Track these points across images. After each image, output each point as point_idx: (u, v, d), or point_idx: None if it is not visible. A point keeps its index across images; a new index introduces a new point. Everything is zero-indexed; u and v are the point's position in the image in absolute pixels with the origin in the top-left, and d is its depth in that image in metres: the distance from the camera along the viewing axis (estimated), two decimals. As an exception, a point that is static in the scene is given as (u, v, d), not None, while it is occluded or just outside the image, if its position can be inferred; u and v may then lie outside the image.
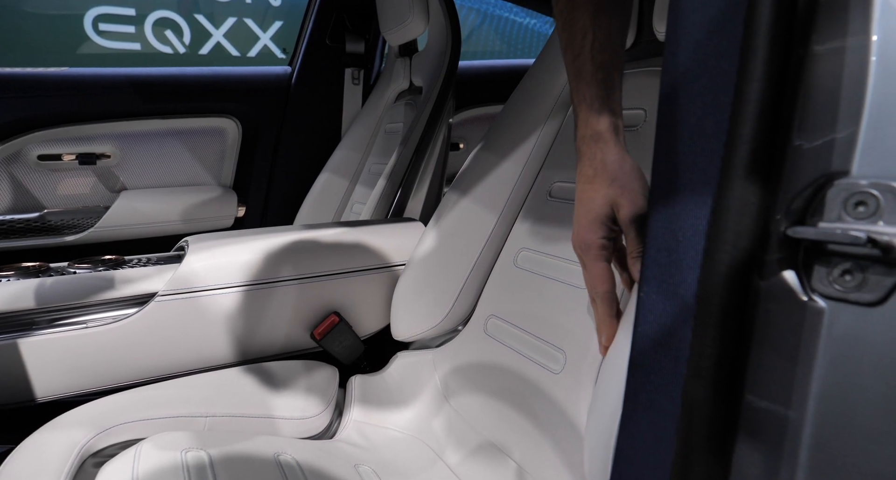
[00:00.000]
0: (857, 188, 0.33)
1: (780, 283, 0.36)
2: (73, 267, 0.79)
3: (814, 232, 0.34)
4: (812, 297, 0.34)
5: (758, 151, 0.35)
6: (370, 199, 1.17)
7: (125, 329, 0.76)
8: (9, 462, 0.59)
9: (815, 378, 0.34)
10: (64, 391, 0.74)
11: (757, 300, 0.37)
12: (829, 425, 0.34)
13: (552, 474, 0.65)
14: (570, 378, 0.67)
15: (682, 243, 0.40)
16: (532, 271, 0.79)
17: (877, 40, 0.32)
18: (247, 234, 0.91)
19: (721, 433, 0.37)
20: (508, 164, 0.87)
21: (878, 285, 0.32)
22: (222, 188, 1.43)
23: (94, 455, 0.65)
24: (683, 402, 0.38)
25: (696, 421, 0.37)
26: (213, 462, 0.65)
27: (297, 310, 0.89)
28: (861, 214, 0.33)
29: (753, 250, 0.36)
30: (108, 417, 0.68)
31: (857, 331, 0.32)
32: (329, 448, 0.79)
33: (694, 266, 0.39)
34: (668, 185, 0.41)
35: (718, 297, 0.37)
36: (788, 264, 0.36)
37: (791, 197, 0.35)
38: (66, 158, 1.22)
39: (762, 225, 0.36)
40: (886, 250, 0.31)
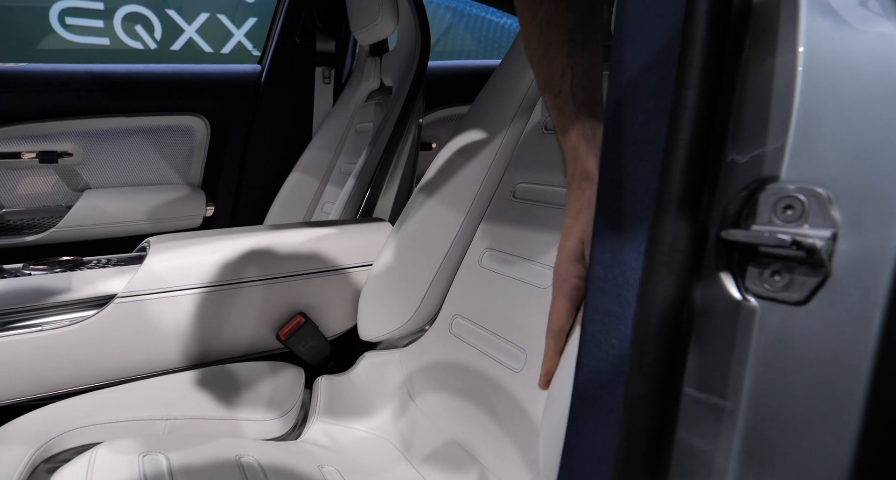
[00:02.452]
0: (786, 193, 0.34)
1: (715, 283, 0.37)
2: (28, 269, 0.77)
3: (744, 235, 0.35)
4: (746, 296, 0.35)
5: (694, 155, 0.36)
6: (339, 198, 1.17)
7: (82, 332, 0.75)
8: (-43, 468, 0.57)
9: (747, 373, 0.35)
10: (18, 395, 0.73)
11: (694, 299, 0.39)
12: (760, 417, 0.35)
13: (512, 471, 0.66)
14: (530, 376, 0.68)
15: (625, 244, 0.41)
16: (495, 271, 0.80)
17: (803, 52, 0.33)
18: (211, 234, 0.90)
19: (660, 426, 0.38)
20: (474, 165, 0.88)
21: (804, 286, 0.33)
22: (190, 187, 1.41)
23: (48, 460, 0.64)
24: (626, 399, 0.39)
25: (638, 417, 0.39)
26: (172, 465, 0.64)
27: (263, 311, 0.88)
28: (789, 217, 0.34)
29: (691, 252, 0.38)
30: (63, 421, 0.67)
31: (786, 328, 0.34)
32: (293, 449, 0.78)
33: (636, 267, 0.40)
34: (613, 188, 0.42)
35: (658, 297, 0.38)
36: (724, 265, 0.37)
37: (726, 201, 0.37)
38: (25, 156, 1.19)
39: (700, 228, 0.38)
40: (810, 251, 0.32)
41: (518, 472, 0.65)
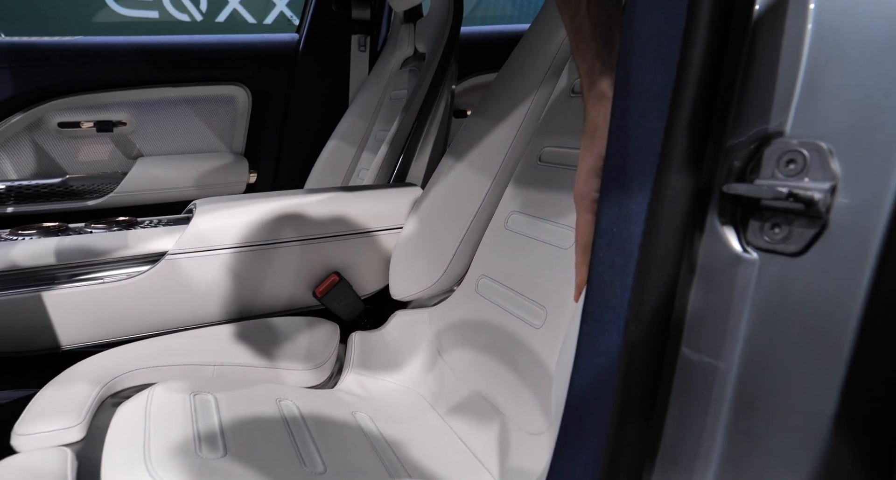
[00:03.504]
0: (789, 147, 0.35)
1: (717, 236, 0.39)
2: (89, 227, 0.84)
3: (746, 189, 0.36)
4: (746, 249, 0.37)
5: (699, 112, 0.37)
6: (373, 164, 1.20)
7: (138, 285, 0.82)
8: (38, 398, 0.65)
9: (743, 322, 0.37)
10: (84, 340, 0.81)
11: (695, 251, 0.40)
12: (753, 363, 0.37)
13: (531, 419, 0.70)
14: (549, 332, 0.71)
15: (631, 199, 0.42)
16: (520, 233, 0.82)
17: (814, 9, 0.34)
18: (252, 197, 0.96)
19: (657, 370, 0.41)
20: (502, 129, 0.90)
21: (801, 237, 0.34)
22: (234, 155, 1.47)
23: (113, 396, 0.72)
24: (624, 343, 0.41)
25: (636, 361, 0.41)
26: (219, 404, 0.71)
27: (300, 269, 0.93)
28: (791, 171, 0.35)
29: (694, 206, 0.39)
30: (123, 364, 0.74)
31: (782, 279, 0.35)
32: (328, 396, 0.85)
33: (639, 221, 0.42)
34: (620, 144, 0.43)
35: (660, 249, 0.40)
36: (727, 218, 0.38)
37: (731, 156, 0.38)
38: (84, 126, 1.27)
39: (704, 183, 0.39)
40: (808, 204, 0.33)
41: (536, 420, 0.69)
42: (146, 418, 0.64)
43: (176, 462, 0.57)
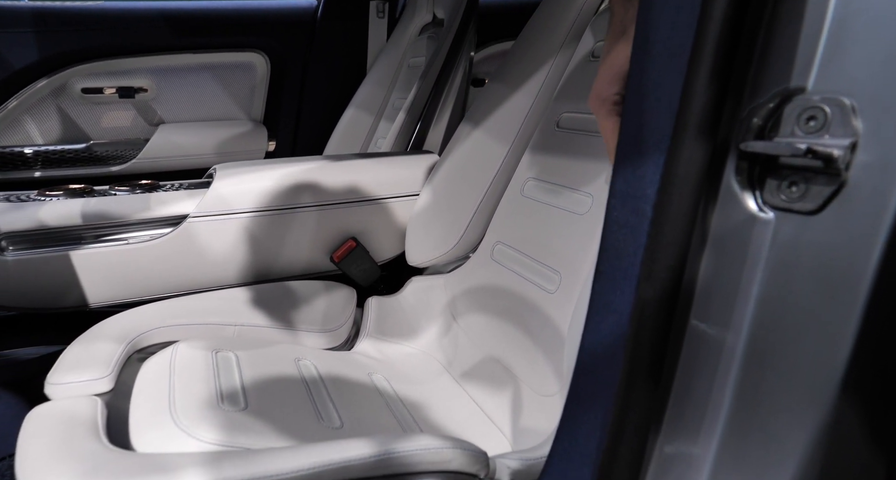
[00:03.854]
0: (810, 103, 0.34)
1: (733, 195, 0.39)
2: (113, 190, 0.86)
3: (764, 146, 0.36)
4: (763, 208, 0.37)
5: (718, 68, 0.37)
6: (390, 132, 1.20)
7: (160, 247, 0.85)
8: (68, 351, 0.68)
9: (756, 281, 0.37)
10: (109, 299, 0.84)
11: (710, 211, 0.40)
12: (764, 322, 0.37)
13: (543, 382, 0.71)
14: (563, 297, 0.72)
15: (646, 158, 0.42)
16: (537, 200, 0.82)
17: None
18: (270, 163, 0.97)
19: (667, 327, 0.41)
20: (520, 95, 0.89)
21: (818, 195, 0.34)
22: (253, 123, 1.48)
23: (138, 352, 0.74)
24: (636, 302, 0.42)
25: (646, 318, 0.41)
26: (240, 361, 0.73)
27: (317, 234, 0.95)
28: (811, 128, 0.34)
29: (710, 165, 0.39)
30: (148, 322, 0.77)
31: (797, 238, 0.35)
32: (345, 358, 0.87)
33: (654, 180, 0.42)
34: (638, 103, 0.43)
35: (674, 208, 0.40)
36: (743, 177, 0.38)
37: (750, 114, 0.37)
38: (107, 92, 1.29)
39: (721, 141, 0.38)
40: (827, 161, 0.33)
41: (548, 383, 0.70)
42: (171, 372, 0.67)
43: (199, 413, 0.59)
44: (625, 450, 0.42)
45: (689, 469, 0.40)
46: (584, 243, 0.71)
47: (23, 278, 0.77)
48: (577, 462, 0.45)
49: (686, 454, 0.41)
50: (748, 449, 0.38)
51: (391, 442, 0.53)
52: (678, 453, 0.41)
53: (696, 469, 0.40)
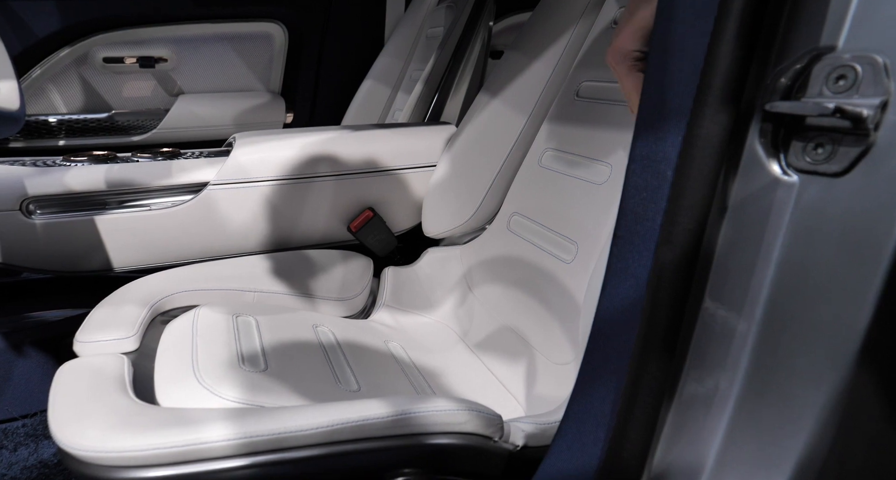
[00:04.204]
0: (841, 62, 0.33)
1: (756, 158, 0.38)
2: (136, 156, 0.87)
3: (790, 106, 0.35)
4: (786, 171, 0.36)
5: (744, 27, 0.36)
6: (407, 103, 1.19)
7: (182, 213, 0.86)
8: (95, 312, 0.70)
9: (778, 245, 0.37)
10: (132, 264, 0.86)
11: (732, 173, 0.39)
12: (784, 286, 0.37)
13: (558, 350, 0.71)
14: (579, 267, 0.72)
15: (669, 120, 0.42)
16: (554, 170, 0.82)
17: None
18: (289, 132, 0.97)
19: (685, 293, 0.41)
20: (539, 65, 0.87)
21: (845, 156, 0.33)
22: (271, 94, 1.48)
23: (161, 314, 0.76)
24: (654, 266, 0.42)
25: (664, 282, 0.41)
26: (259, 325, 0.75)
27: (335, 204, 0.95)
28: (840, 88, 0.34)
29: (733, 127, 0.38)
30: (170, 286, 0.79)
31: (821, 201, 0.35)
32: (362, 325, 0.88)
33: (676, 143, 0.41)
34: (662, 65, 0.42)
35: (695, 171, 0.39)
36: (767, 139, 0.37)
37: (778, 74, 0.36)
38: (127, 61, 1.30)
39: (746, 102, 0.38)
40: (856, 121, 0.32)
41: (563, 351, 0.70)
42: (193, 334, 0.69)
43: (221, 372, 0.61)
44: (639, 412, 0.42)
45: (703, 431, 0.41)
46: (602, 213, 0.71)
47: (49, 242, 0.79)
48: (591, 424, 0.46)
49: (701, 415, 0.41)
50: (764, 412, 0.38)
51: (408, 403, 0.54)
52: (693, 414, 0.41)
53: (710, 430, 0.41)
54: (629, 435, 0.43)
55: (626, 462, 0.43)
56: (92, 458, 0.47)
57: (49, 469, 0.74)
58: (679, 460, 0.42)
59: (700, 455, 0.41)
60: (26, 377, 0.81)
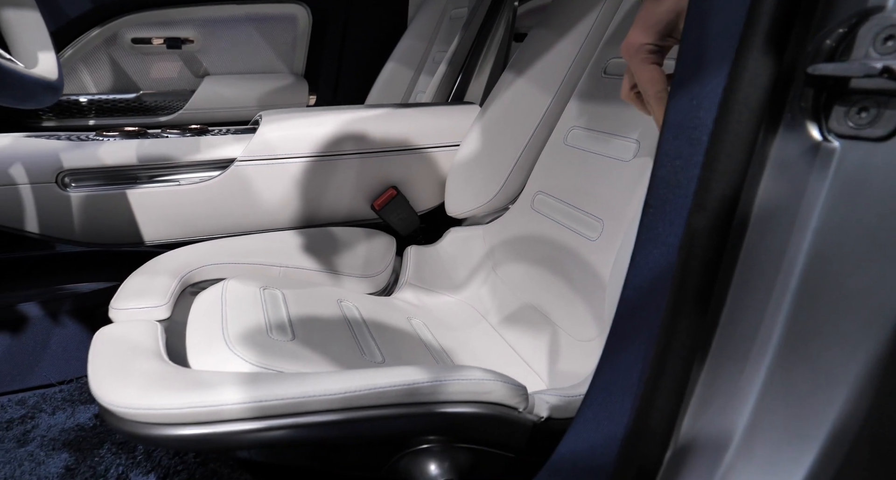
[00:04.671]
0: (890, 22, 0.33)
1: (796, 123, 0.37)
2: (165, 132, 0.89)
3: (834, 68, 0.35)
4: (827, 137, 0.36)
5: (790, -14, 0.35)
6: (431, 85, 1.19)
7: (210, 189, 0.87)
8: (128, 282, 0.72)
9: (816, 212, 0.36)
10: (161, 238, 0.88)
11: (770, 139, 0.39)
12: (822, 252, 0.36)
13: (582, 327, 0.71)
14: (605, 244, 0.71)
15: (705, 85, 0.41)
16: (580, 148, 0.81)
17: None
18: (314, 110, 0.98)
19: (717, 259, 0.40)
20: (566, 42, 0.86)
21: (890, 120, 0.33)
22: (294, 76, 1.49)
23: (191, 286, 0.78)
24: (686, 232, 0.41)
25: (696, 249, 0.41)
26: (286, 298, 0.76)
27: (359, 182, 0.96)
28: (888, 49, 0.33)
29: (773, 90, 0.37)
30: (199, 259, 0.80)
31: (862, 166, 0.34)
32: (385, 302, 0.89)
33: (712, 108, 0.41)
34: (699, 26, 0.41)
35: (731, 135, 0.39)
36: (808, 103, 0.37)
37: (821, 35, 0.36)
38: (155, 42, 1.31)
39: (787, 65, 0.37)
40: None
41: (587, 328, 0.70)
42: (222, 305, 0.70)
43: (250, 340, 0.62)
44: (667, 380, 0.42)
45: (732, 399, 0.41)
46: (629, 190, 0.70)
47: (82, 214, 0.81)
48: (618, 393, 0.46)
49: (731, 384, 0.41)
50: (796, 380, 0.38)
51: (434, 372, 0.55)
52: (723, 383, 0.41)
53: (740, 399, 0.40)
54: (657, 403, 0.43)
55: (653, 430, 0.43)
56: (130, 415, 0.49)
57: (85, 431, 0.77)
58: (707, 428, 0.42)
59: (729, 423, 0.41)
60: (62, 345, 0.84)
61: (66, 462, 0.72)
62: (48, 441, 0.74)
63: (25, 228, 0.78)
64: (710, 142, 0.40)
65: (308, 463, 0.64)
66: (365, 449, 0.58)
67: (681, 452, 0.43)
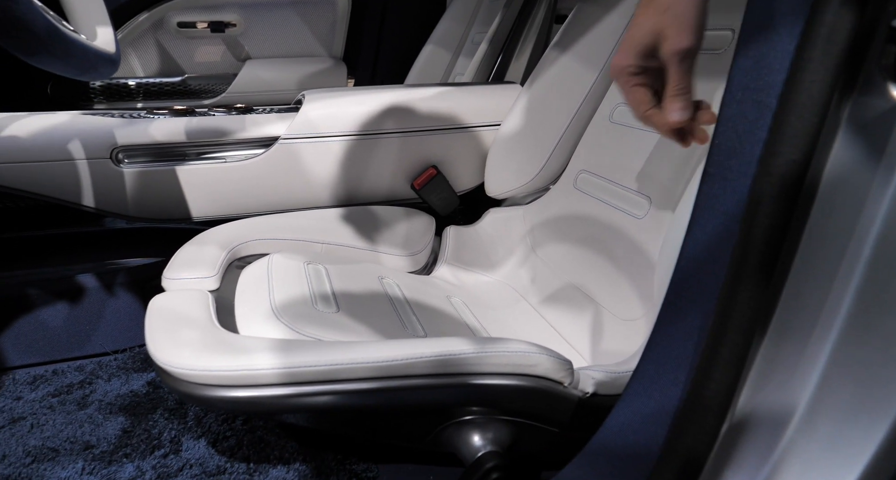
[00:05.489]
0: (984, -32, 0.30)
1: (875, 81, 0.36)
2: (212, 111, 0.91)
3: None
4: (907, 95, 0.34)
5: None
6: (471, 65, 1.18)
7: (254, 166, 0.89)
8: (179, 254, 0.74)
9: (895, 178, 0.34)
10: (208, 214, 0.90)
11: (848, 98, 0.37)
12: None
13: (626, 306, 0.70)
14: (652, 222, 0.70)
15: (773, 45, 0.39)
16: (627, 125, 0.79)
17: None
18: (356, 90, 0.98)
19: (783, 228, 0.39)
20: (613, 17, 0.84)
21: (982, 74, 0.31)
22: (333, 60, 1.50)
23: (238, 260, 0.80)
24: (750, 199, 0.40)
25: (760, 217, 0.39)
26: (329, 273, 0.77)
27: (399, 161, 0.96)
28: (981, -3, 0.31)
29: (852, 46, 0.35)
30: (245, 234, 0.82)
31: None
32: (425, 280, 0.89)
33: (781, 69, 0.39)
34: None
35: (804, 96, 0.37)
36: (890, 60, 0.35)
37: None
38: (199, 26, 1.34)
39: (868, 17, 0.35)
40: None
41: (632, 307, 0.69)
42: (269, 277, 0.71)
43: (296, 310, 0.64)
44: (725, 352, 0.41)
45: (795, 373, 0.39)
46: (679, 166, 0.68)
47: (134, 189, 0.84)
48: (671, 365, 0.45)
49: (794, 357, 0.39)
50: (867, 356, 0.37)
51: (477, 343, 0.55)
52: (785, 356, 0.40)
53: (803, 373, 0.39)
54: (714, 376, 0.41)
55: (709, 403, 0.41)
56: (185, 376, 0.50)
57: (139, 397, 0.80)
58: (767, 402, 0.41)
59: (791, 398, 0.40)
60: (115, 316, 0.87)
61: (123, 425, 0.74)
62: (105, 405, 0.78)
63: (82, 202, 0.81)
64: (779, 105, 0.39)
65: (352, 431, 0.65)
66: (409, 419, 0.59)
67: (738, 426, 0.42)
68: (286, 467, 0.69)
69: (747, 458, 0.41)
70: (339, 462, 0.69)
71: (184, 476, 0.66)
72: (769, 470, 0.39)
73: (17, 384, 0.82)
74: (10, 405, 0.78)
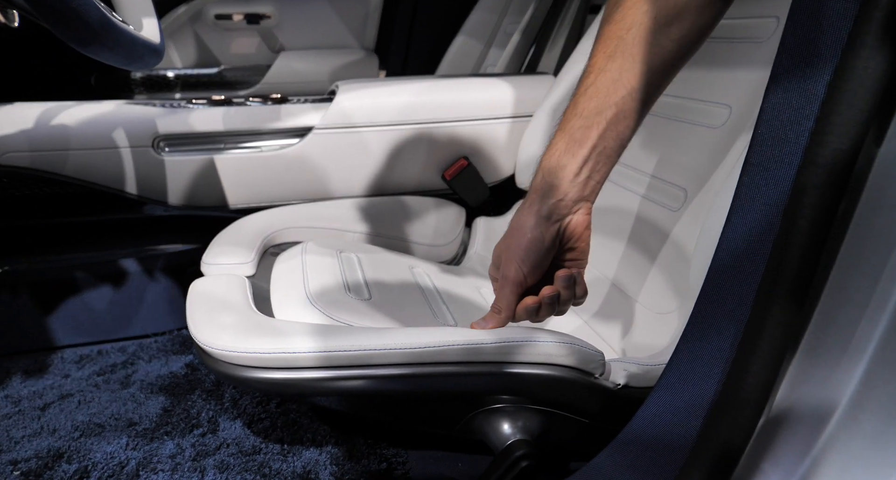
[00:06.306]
0: None
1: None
2: (248, 101, 0.93)
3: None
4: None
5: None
6: (503, 55, 1.17)
7: (289, 155, 0.90)
8: (216, 240, 0.76)
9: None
10: (244, 202, 0.92)
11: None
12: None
13: (659, 299, 0.69)
14: (688, 214, 0.69)
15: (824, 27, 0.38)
16: (662, 115, 0.78)
17: None
18: (389, 80, 0.99)
19: (829, 217, 0.38)
20: (651, 5, 0.83)
21: None
22: (365, 51, 1.51)
23: (272, 247, 0.81)
24: (794, 189, 0.39)
25: (804, 208, 0.38)
26: (361, 262, 0.78)
27: (431, 152, 0.97)
28: None
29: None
30: (280, 221, 0.84)
31: None
32: (455, 271, 0.90)
33: (833, 55, 0.38)
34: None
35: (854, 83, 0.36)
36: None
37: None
38: (235, 18, 1.36)
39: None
40: None
41: (665, 300, 0.68)
42: (303, 264, 0.73)
43: (330, 297, 0.65)
44: (764, 346, 0.40)
45: (838, 367, 0.38)
46: (717, 158, 0.67)
47: (174, 177, 0.86)
48: (706, 358, 0.45)
49: (837, 351, 0.38)
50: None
51: (510, 332, 0.55)
52: (828, 350, 0.39)
53: (847, 367, 0.38)
54: (752, 369, 0.41)
55: (746, 396, 0.41)
56: (224, 356, 0.52)
57: (178, 379, 0.82)
58: (807, 397, 0.40)
59: (833, 392, 0.39)
60: (155, 301, 0.91)
61: (164, 404, 0.77)
62: (146, 385, 0.81)
63: (125, 189, 0.84)
64: (827, 93, 0.38)
65: (383, 416, 0.66)
66: (440, 405, 0.59)
67: (776, 420, 0.41)
68: (318, 449, 0.70)
69: (785, 452, 0.40)
70: (369, 446, 0.71)
71: (221, 454, 0.68)
72: (808, 465, 0.38)
73: (66, 362, 0.87)
74: (60, 383, 0.82)
